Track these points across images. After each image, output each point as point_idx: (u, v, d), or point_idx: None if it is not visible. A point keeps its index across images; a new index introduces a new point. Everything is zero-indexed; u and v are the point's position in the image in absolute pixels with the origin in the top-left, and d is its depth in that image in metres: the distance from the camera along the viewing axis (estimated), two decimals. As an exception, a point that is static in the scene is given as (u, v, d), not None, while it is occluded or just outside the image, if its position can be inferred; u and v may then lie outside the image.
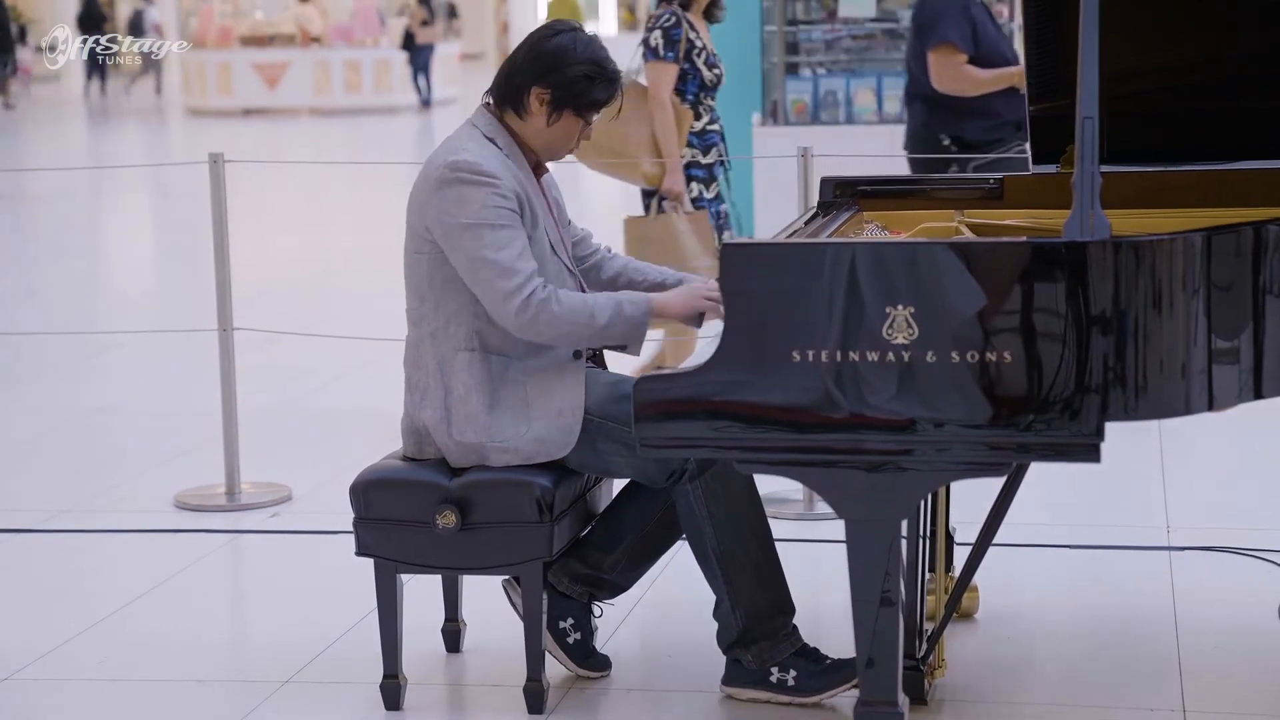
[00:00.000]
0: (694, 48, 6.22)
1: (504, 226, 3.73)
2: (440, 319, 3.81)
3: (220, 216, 5.65)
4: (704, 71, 6.22)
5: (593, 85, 3.82)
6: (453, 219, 3.73)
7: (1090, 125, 3.19)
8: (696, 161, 6.27)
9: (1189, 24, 3.98)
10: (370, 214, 13.78)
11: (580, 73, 3.81)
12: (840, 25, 9.70)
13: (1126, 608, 4.42)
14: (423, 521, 3.77)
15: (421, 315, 3.84)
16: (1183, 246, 3.23)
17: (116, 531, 5.34)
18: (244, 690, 4.02)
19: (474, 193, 3.73)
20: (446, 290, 3.80)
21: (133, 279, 11.42)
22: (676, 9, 6.25)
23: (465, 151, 3.78)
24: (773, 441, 3.32)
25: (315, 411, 6.95)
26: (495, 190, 3.73)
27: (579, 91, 3.81)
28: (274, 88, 26.09)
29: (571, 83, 3.81)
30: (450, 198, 3.74)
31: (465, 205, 3.73)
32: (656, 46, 6.17)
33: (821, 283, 3.25)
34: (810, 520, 5.19)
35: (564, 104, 3.82)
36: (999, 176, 4.21)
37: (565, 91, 3.81)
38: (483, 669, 4.13)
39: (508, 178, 3.77)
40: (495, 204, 3.73)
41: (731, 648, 3.83)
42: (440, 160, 3.80)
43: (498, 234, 3.72)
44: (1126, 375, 3.21)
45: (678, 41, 6.18)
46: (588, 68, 3.81)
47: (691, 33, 6.23)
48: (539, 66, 3.82)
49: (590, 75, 3.81)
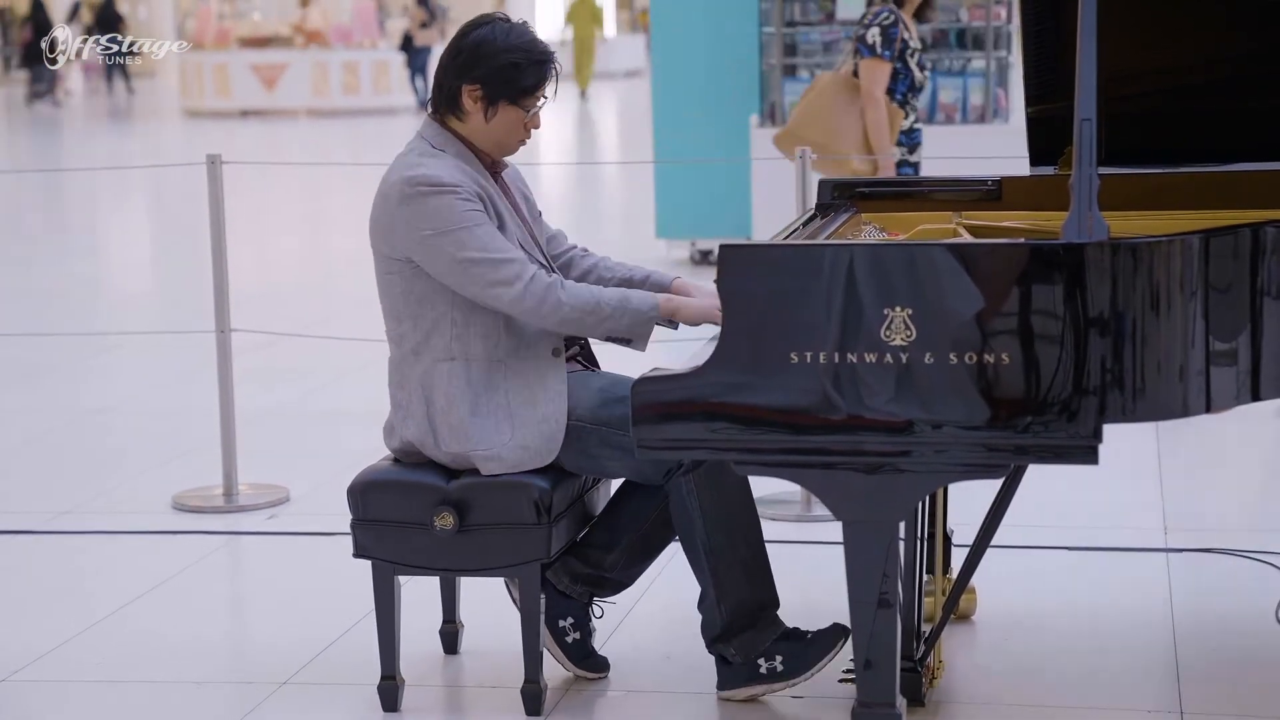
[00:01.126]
0: (908, 47, 6.20)
1: (479, 226, 3.70)
2: (420, 334, 3.80)
3: (218, 218, 5.65)
4: (915, 72, 6.21)
5: (520, 72, 3.75)
6: (424, 230, 3.70)
7: (1088, 127, 3.19)
8: (905, 160, 6.27)
9: (1187, 25, 3.98)
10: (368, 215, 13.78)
11: (506, 61, 3.74)
12: (838, 27, 9.71)
13: (1124, 609, 4.42)
14: (421, 523, 3.77)
15: (401, 334, 3.84)
16: (1180, 248, 3.23)
17: (115, 533, 5.34)
18: (242, 691, 4.02)
19: (438, 201, 3.69)
20: (422, 305, 3.78)
21: (131, 280, 11.42)
22: (893, 7, 6.23)
23: (420, 166, 3.74)
24: (771, 443, 3.32)
25: (313, 413, 6.95)
26: (458, 195, 3.70)
27: (507, 79, 3.75)
28: (272, 89, 26.10)
29: (498, 72, 3.74)
30: (416, 212, 3.70)
31: (434, 216, 3.69)
32: (874, 44, 6.14)
33: (820, 284, 3.25)
34: (808, 522, 5.19)
35: (497, 96, 3.76)
36: (997, 178, 4.21)
37: (494, 83, 3.75)
38: (480, 670, 4.13)
39: (467, 182, 3.74)
40: (464, 208, 3.70)
41: (715, 642, 3.82)
42: (395, 178, 3.76)
43: (475, 234, 3.70)
44: (1124, 377, 3.21)
45: (894, 40, 6.17)
46: (513, 55, 3.74)
47: (905, 32, 6.22)
48: (461, 63, 3.77)
49: (516, 62, 3.74)
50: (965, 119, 9.42)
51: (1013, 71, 9.55)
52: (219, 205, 5.65)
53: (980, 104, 9.42)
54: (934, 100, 9.44)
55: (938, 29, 9.80)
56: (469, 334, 3.77)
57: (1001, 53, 9.58)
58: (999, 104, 9.50)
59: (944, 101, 9.43)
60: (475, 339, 3.77)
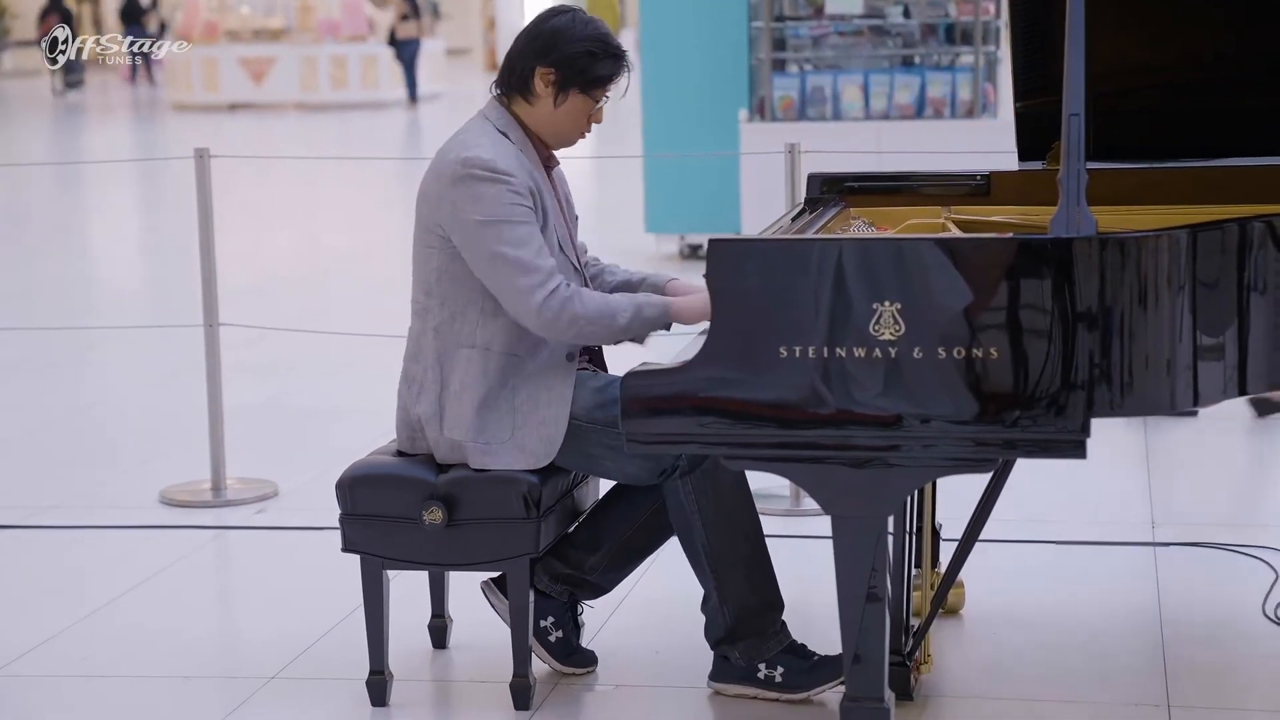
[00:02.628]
0: None
1: (521, 223, 3.70)
2: (445, 314, 3.80)
3: (206, 212, 5.64)
4: None
5: (596, 61, 3.78)
6: (469, 215, 3.70)
7: (1076, 122, 3.19)
8: None
9: (1175, 21, 3.99)
10: (358, 210, 13.78)
11: (582, 49, 3.77)
12: (827, 21, 9.70)
13: (1112, 603, 4.43)
14: (409, 518, 3.77)
15: (427, 309, 3.83)
16: (1168, 243, 3.23)
17: (103, 528, 5.33)
18: (230, 686, 4.02)
19: (489, 189, 3.69)
20: (455, 287, 3.78)
21: (119, 275, 11.40)
22: None
23: (479, 147, 3.73)
24: (760, 438, 3.32)
25: (301, 408, 6.95)
26: (510, 187, 3.70)
27: (582, 68, 3.77)
28: (260, 83, 26.07)
29: (574, 59, 3.77)
30: (465, 194, 3.70)
31: (481, 202, 3.69)
32: None
33: (808, 279, 3.25)
34: (797, 516, 5.19)
35: (569, 82, 3.78)
36: (986, 173, 4.22)
37: (569, 69, 3.77)
38: (469, 665, 4.13)
39: (521, 174, 3.74)
40: (511, 200, 3.70)
41: (719, 643, 3.83)
42: (453, 155, 3.75)
43: (516, 230, 3.69)
44: (1112, 372, 3.21)
45: None
46: (589, 44, 3.78)
47: None
48: (539, 46, 3.79)
49: (592, 51, 3.77)
50: (954, 114, 9.42)
51: (1001, 67, 9.55)
52: (207, 199, 5.64)
53: (969, 99, 9.42)
54: (923, 95, 9.45)
55: (927, 24, 9.80)
56: (495, 324, 3.76)
57: (990, 48, 9.58)
58: (988, 99, 9.50)
59: (933, 96, 9.44)
60: (499, 330, 3.76)
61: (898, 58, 9.77)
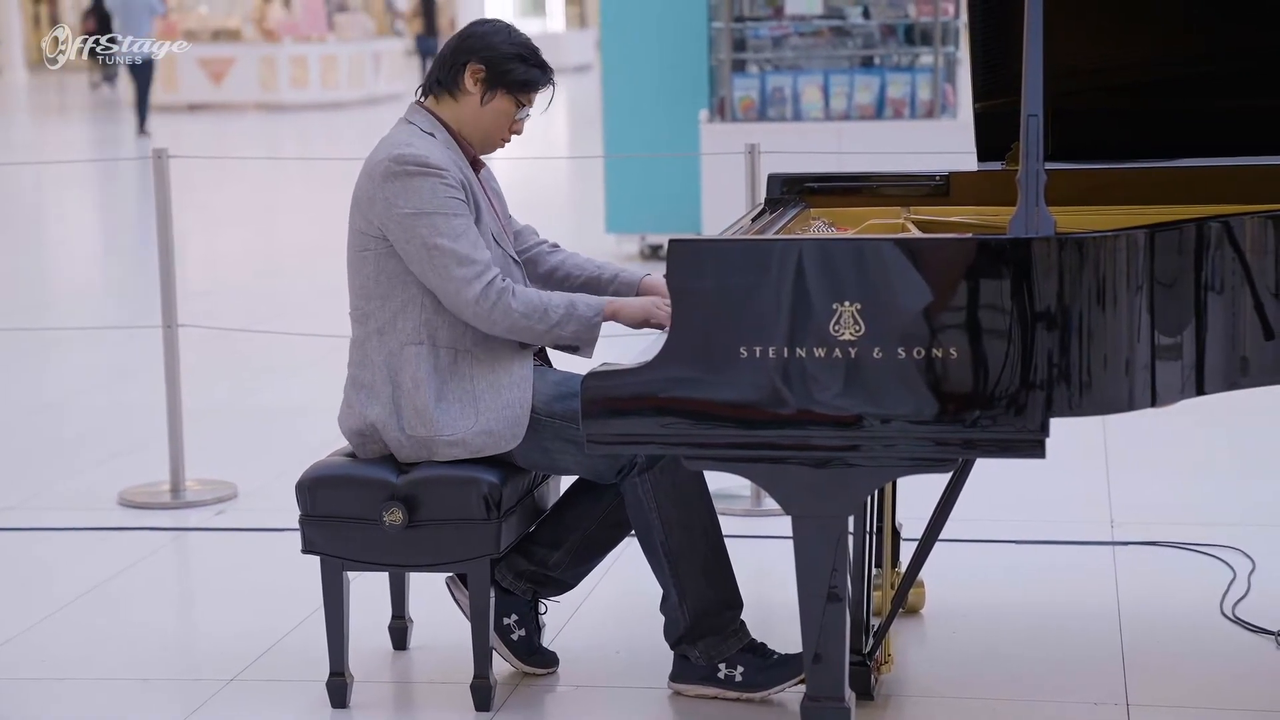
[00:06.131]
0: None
1: (456, 215, 3.73)
2: (387, 314, 3.80)
3: (165, 212, 5.62)
4: None
5: (524, 65, 3.85)
6: (403, 209, 3.72)
7: (1035, 122, 3.20)
8: None
9: (1134, 22, 4.00)
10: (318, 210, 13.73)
11: (512, 52, 3.85)
12: (788, 22, 9.73)
13: (1071, 602, 4.45)
14: (369, 519, 3.76)
15: (367, 313, 3.83)
16: (1126, 244, 3.25)
17: (61, 529, 5.30)
18: (189, 688, 4.00)
19: (423, 183, 3.73)
20: (393, 285, 3.79)
21: (78, 275, 11.34)
22: None
23: (409, 146, 3.77)
24: (720, 438, 3.32)
25: (261, 408, 6.92)
26: (443, 180, 3.74)
27: (510, 69, 3.84)
28: (219, 83, 25.97)
29: (503, 59, 3.84)
30: (398, 189, 3.73)
31: (415, 195, 3.72)
32: None
33: (768, 279, 3.25)
34: (757, 516, 5.20)
35: (496, 81, 3.84)
36: (945, 173, 4.23)
37: (497, 68, 3.84)
38: (430, 666, 4.12)
39: (453, 168, 3.78)
40: (446, 194, 3.73)
41: (679, 643, 3.83)
42: (383, 155, 3.78)
43: (451, 222, 3.72)
44: (1071, 371, 3.22)
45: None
46: (520, 49, 3.87)
47: None
48: (472, 44, 3.87)
49: (522, 55, 3.86)
50: (914, 114, 9.46)
51: (961, 67, 9.58)
52: (166, 199, 5.62)
53: (928, 99, 9.46)
54: (882, 95, 9.47)
55: (886, 24, 9.83)
56: (438, 319, 3.77)
57: (950, 48, 9.61)
58: (947, 99, 9.53)
59: (892, 97, 9.47)
60: (443, 325, 3.77)
61: (857, 58, 9.79)
